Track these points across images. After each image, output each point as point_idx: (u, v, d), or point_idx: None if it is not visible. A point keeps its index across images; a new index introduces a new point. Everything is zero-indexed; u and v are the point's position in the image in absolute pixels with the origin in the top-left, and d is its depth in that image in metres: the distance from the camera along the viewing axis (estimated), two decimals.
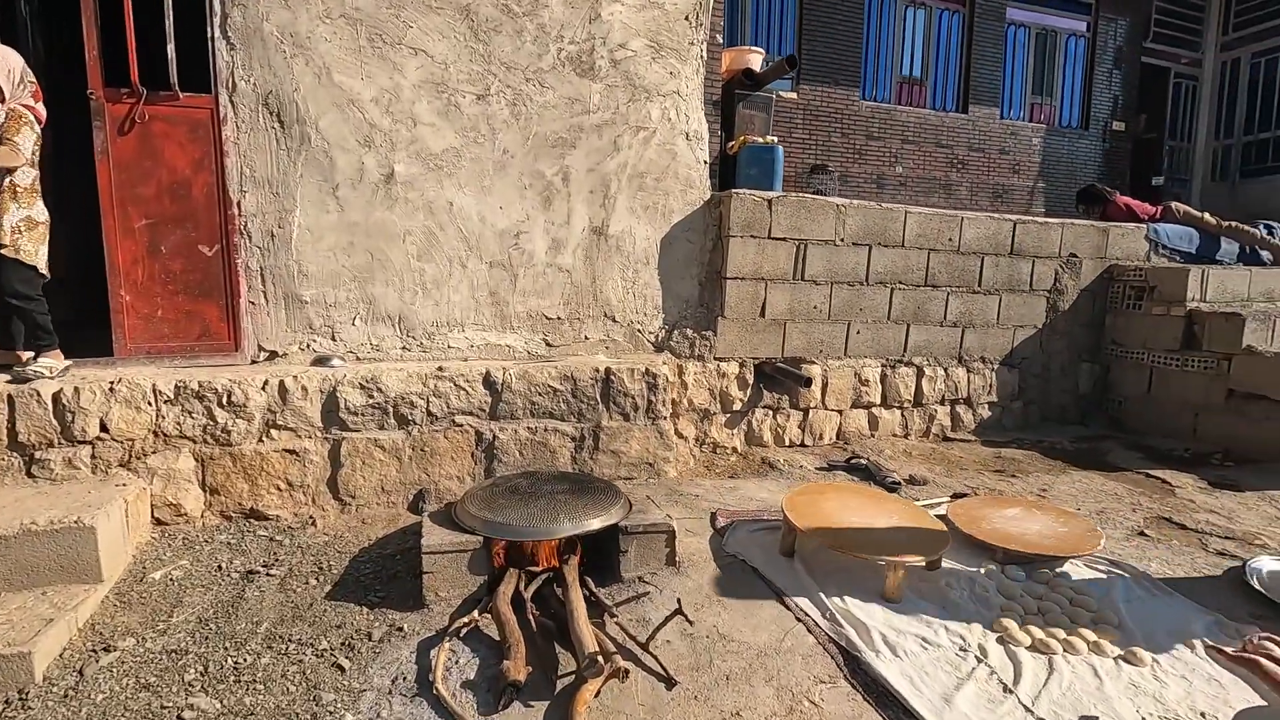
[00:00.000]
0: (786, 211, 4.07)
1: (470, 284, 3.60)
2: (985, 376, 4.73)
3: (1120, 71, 8.09)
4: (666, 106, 3.84)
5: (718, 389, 4.04)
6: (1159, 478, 3.86)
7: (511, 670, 1.94)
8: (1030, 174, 7.71)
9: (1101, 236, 5.00)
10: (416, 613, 2.34)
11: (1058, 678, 2.06)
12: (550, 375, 3.35)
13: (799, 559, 2.71)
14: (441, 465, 3.21)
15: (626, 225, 3.83)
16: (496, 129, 3.55)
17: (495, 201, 3.59)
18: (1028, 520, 3.01)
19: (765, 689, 2.00)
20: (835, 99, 6.79)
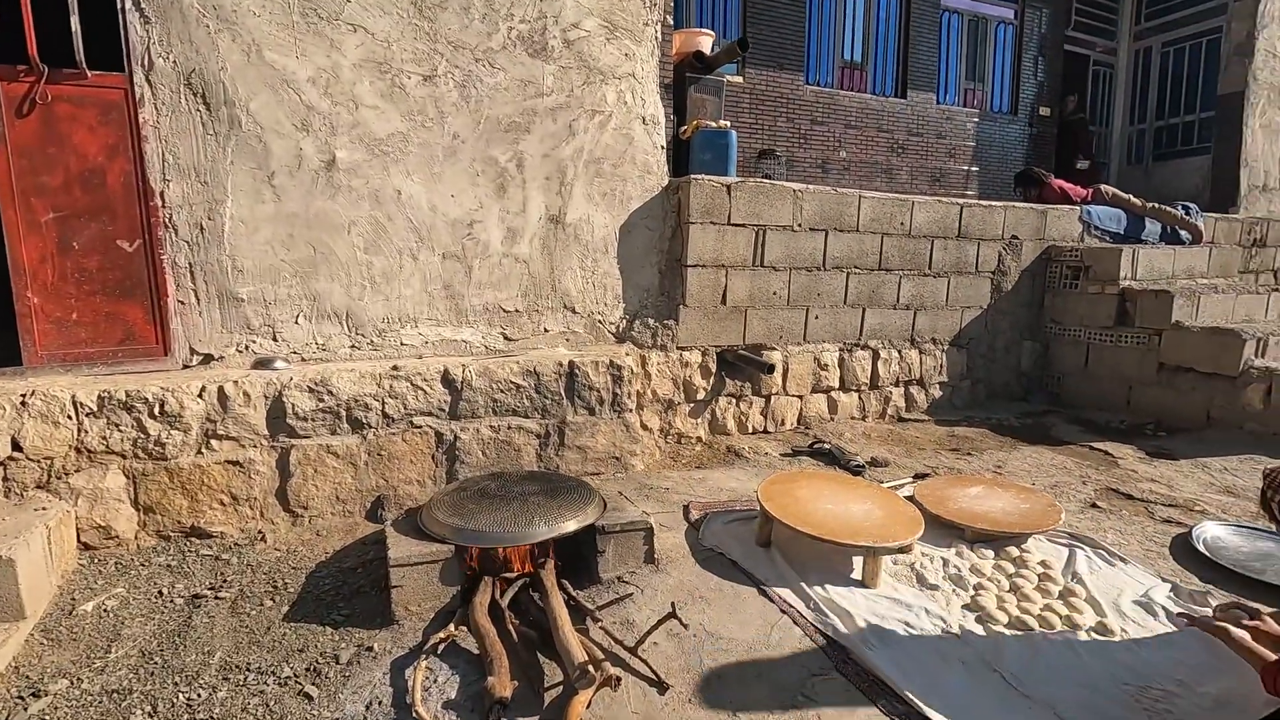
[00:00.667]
0: (745, 197, 4.03)
1: (422, 277, 3.41)
2: (936, 357, 4.84)
3: (1044, 59, 8.40)
4: (622, 89, 3.73)
5: (681, 378, 3.99)
6: (1102, 450, 4.03)
7: (497, 687, 1.84)
8: (965, 158, 7.94)
9: (1040, 219, 5.18)
10: (386, 630, 2.20)
11: (1039, 654, 2.11)
12: (512, 371, 3.22)
13: (776, 548, 2.69)
14: (400, 470, 3.04)
15: (584, 213, 3.71)
16: (445, 112, 3.37)
17: (446, 189, 3.40)
18: (991, 498, 3.08)
19: (759, 686, 1.97)
20: (781, 84, 6.79)
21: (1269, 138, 7.64)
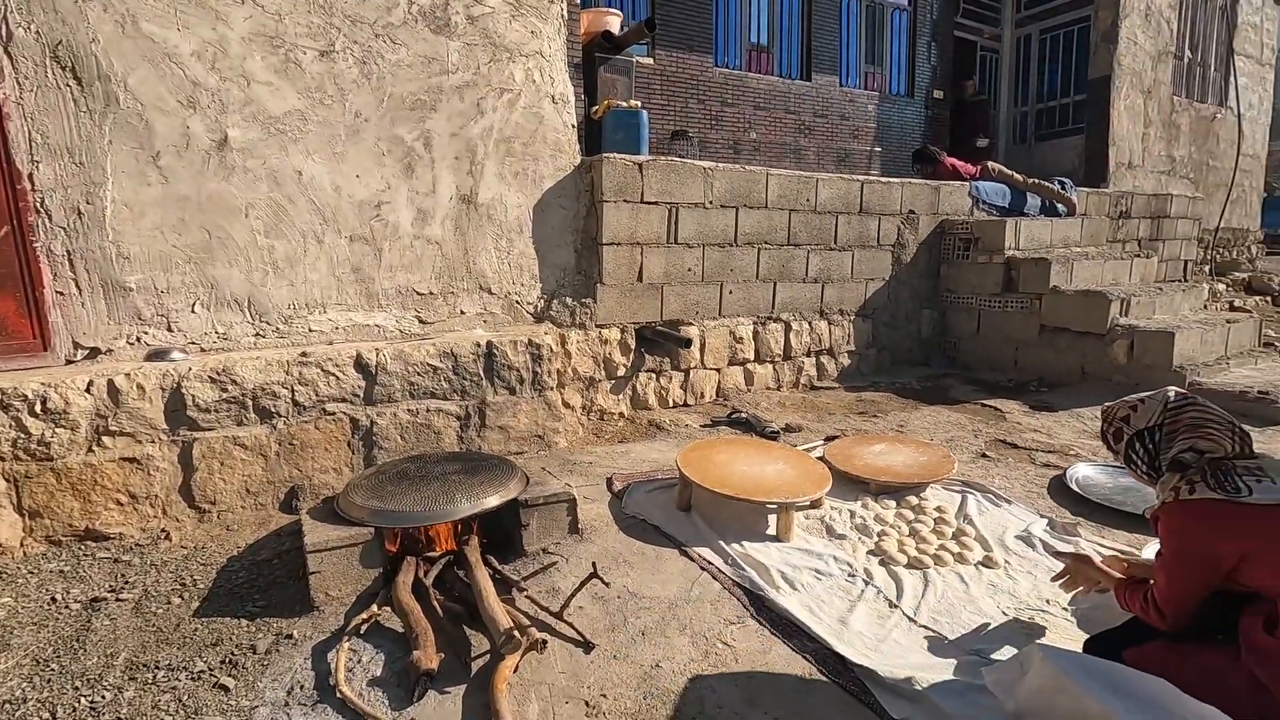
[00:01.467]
0: (657, 175, 4.10)
1: (329, 261, 3.31)
2: (844, 328, 5.09)
3: (936, 44, 8.86)
4: (530, 68, 3.71)
5: (601, 356, 4.04)
6: (992, 406, 4.37)
7: (422, 660, 1.85)
8: (868, 138, 8.30)
9: (934, 194, 5.50)
10: (306, 617, 2.16)
11: (933, 588, 2.30)
12: (428, 353, 3.18)
13: (696, 512, 2.80)
14: (315, 458, 2.96)
15: (497, 193, 3.68)
16: (346, 90, 3.26)
17: (350, 169, 3.30)
18: (893, 454, 3.30)
19: (680, 638, 2.06)
20: (690, 65, 6.88)
21: (1132, 119, 8.36)
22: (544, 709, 1.78)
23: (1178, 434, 1.63)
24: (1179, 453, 1.61)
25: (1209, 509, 1.50)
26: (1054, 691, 1.60)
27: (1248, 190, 10.50)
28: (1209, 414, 1.63)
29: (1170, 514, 1.58)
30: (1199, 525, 1.52)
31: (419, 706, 1.79)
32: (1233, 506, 1.47)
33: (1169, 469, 1.61)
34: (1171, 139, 8.99)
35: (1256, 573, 1.47)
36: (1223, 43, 9.72)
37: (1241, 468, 1.52)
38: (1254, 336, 5.20)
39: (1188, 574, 1.55)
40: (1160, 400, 1.71)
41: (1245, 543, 1.46)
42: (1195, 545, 1.53)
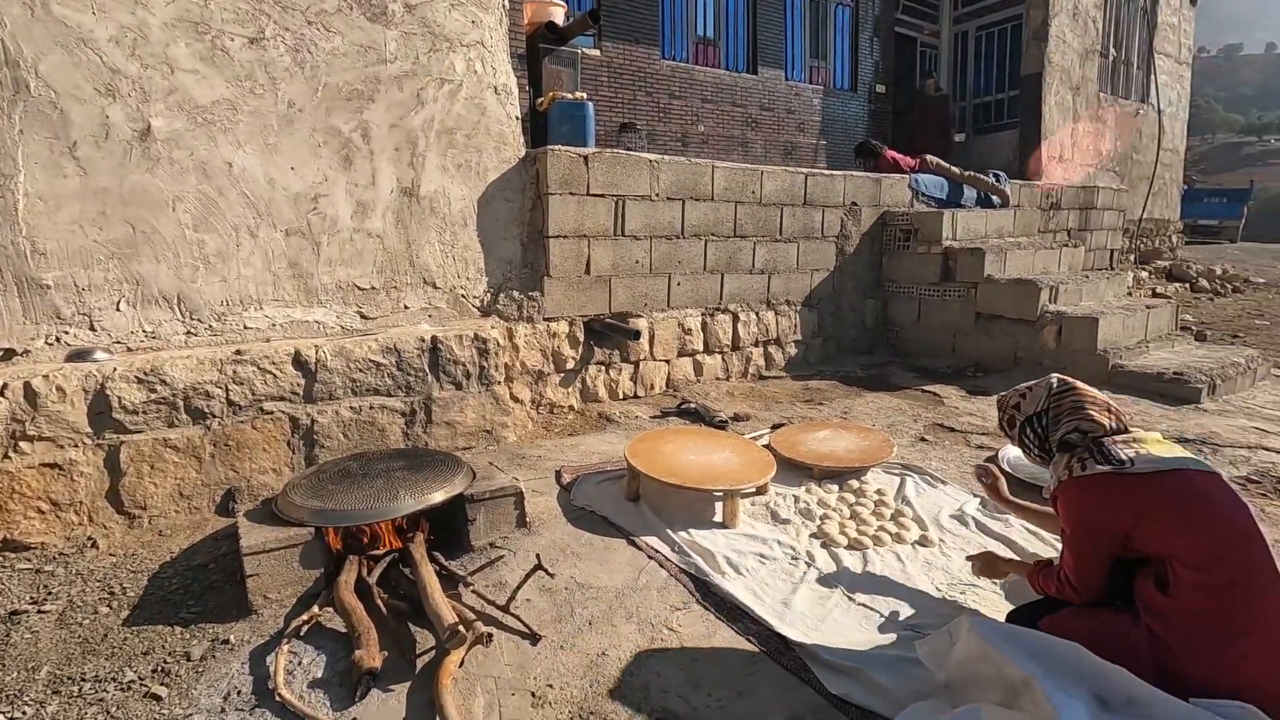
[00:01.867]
0: (603, 167, 4.10)
1: (265, 255, 3.21)
2: (791, 318, 5.19)
3: (879, 39, 9.06)
4: (471, 58, 3.65)
5: (550, 349, 4.03)
6: (931, 392, 4.53)
7: (365, 659, 1.83)
8: (814, 132, 8.44)
9: (876, 187, 5.65)
10: (244, 621, 2.11)
11: (871, 568, 2.38)
12: (370, 349, 3.12)
13: (645, 502, 2.83)
14: (253, 459, 2.88)
15: (439, 185, 3.63)
16: (278, 79, 3.15)
17: (285, 161, 3.20)
18: (836, 440, 3.39)
19: (627, 626, 2.08)
20: (637, 57, 6.88)
21: (1061, 114, 8.71)
22: (490, 702, 1.79)
23: (1062, 417, 1.77)
24: (1065, 434, 1.74)
25: (1100, 483, 1.62)
26: (979, 660, 1.69)
27: (1168, 183, 11.07)
28: (1088, 396, 1.78)
29: (1066, 492, 1.69)
30: (1094, 499, 1.63)
31: (361, 706, 1.77)
32: (1119, 478, 1.60)
33: (1059, 450, 1.74)
34: (1099, 134, 9.40)
35: (1146, 537, 1.59)
36: (1144, 42, 10.20)
37: (1121, 442, 1.66)
38: (1171, 321, 5.51)
39: (1092, 546, 1.66)
40: (1045, 387, 1.86)
41: (1135, 510, 1.58)
42: (1093, 518, 1.64)
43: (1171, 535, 1.55)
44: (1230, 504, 1.57)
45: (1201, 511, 1.54)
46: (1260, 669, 1.46)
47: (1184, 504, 1.56)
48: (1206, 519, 1.54)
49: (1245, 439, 3.59)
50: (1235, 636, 1.47)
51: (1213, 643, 1.49)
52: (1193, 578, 1.51)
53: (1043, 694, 1.53)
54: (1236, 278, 9.80)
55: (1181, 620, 1.52)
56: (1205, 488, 1.58)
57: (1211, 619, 1.49)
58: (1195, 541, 1.52)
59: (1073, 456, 1.69)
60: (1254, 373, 4.71)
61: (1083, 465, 1.65)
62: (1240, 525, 1.53)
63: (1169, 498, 1.56)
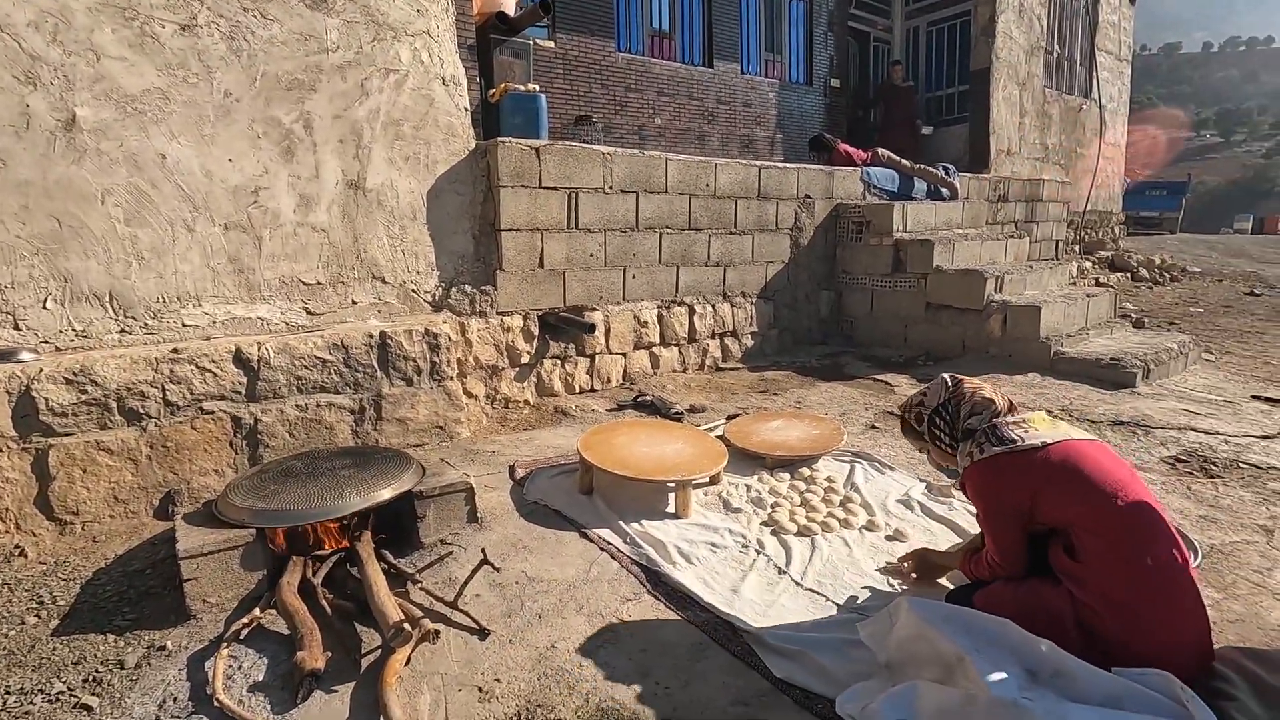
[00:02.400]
0: (555, 160, 4.07)
1: (203, 250, 3.10)
2: (746, 310, 5.24)
3: (833, 34, 9.17)
4: (417, 48, 3.58)
5: (504, 344, 3.99)
6: (884, 381, 4.62)
7: (307, 660, 1.80)
8: (770, 125, 8.51)
9: (829, 179, 5.72)
10: (182, 626, 2.05)
11: (819, 553, 2.42)
12: (316, 346, 3.05)
13: (598, 495, 2.83)
14: (193, 460, 2.79)
15: (387, 178, 3.56)
16: (213, 67, 3.05)
17: (222, 153, 3.10)
18: (789, 429, 3.44)
19: (577, 618, 2.09)
20: (592, 50, 6.84)
21: (1009, 109, 8.95)
22: (436, 699, 1.77)
23: (961, 405, 1.89)
24: (966, 419, 1.86)
25: (998, 463, 1.74)
26: (916, 639, 1.73)
27: (1110, 176, 11.47)
28: (979, 386, 1.91)
29: (971, 476, 1.81)
30: (995, 479, 1.75)
31: (304, 708, 1.74)
32: (1013, 456, 1.72)
33: (962, 438, 1.85)
34: (1044, 128, 9.69)
35: (1046, 509, 1.70)
36: (1086, 39, 10.54)
37: (1012, 424, 1.79)
38: (1111, 309, 5.72)
39: (1004, 523, 1.77)
40: (941, 384, 1.98)
41: (1031, 485, 1.70)
42: (997, 497, 1.76)
43: (1068, 505, 1.66)
44: (1115, 468, 1.68)
45: (1090, 478, 1.65)
46: (1165, 616, 1.57)
47: (1073, 474, 1.66)
48: (1096, 485, 1.64)
49: (1176, 420, 3.76)
50: (1141, 589, 1.57)
51: (1123, 596, 1.58)
52: (1094, 542, 1.61)
53: (975, 669, 1.58)
54: (1175, 267, 10.21)
55: (1094, 580, 1.61)
56: (1091, 454, 1.70)
57: (1118, 576, 1.59)
58: (1089, 507, 1.63)
59: (973, 442, 1.81)
60: (1186, 357, 4.92)
61: (981, 449, 1.77)
62: (1128, 486, 1.64)
63: (1059, 470, 1.67)
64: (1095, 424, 3.72)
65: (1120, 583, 1.58)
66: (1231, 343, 5.95)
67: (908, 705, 1.60)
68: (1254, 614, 2.07)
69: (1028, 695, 1.52)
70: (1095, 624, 1.61)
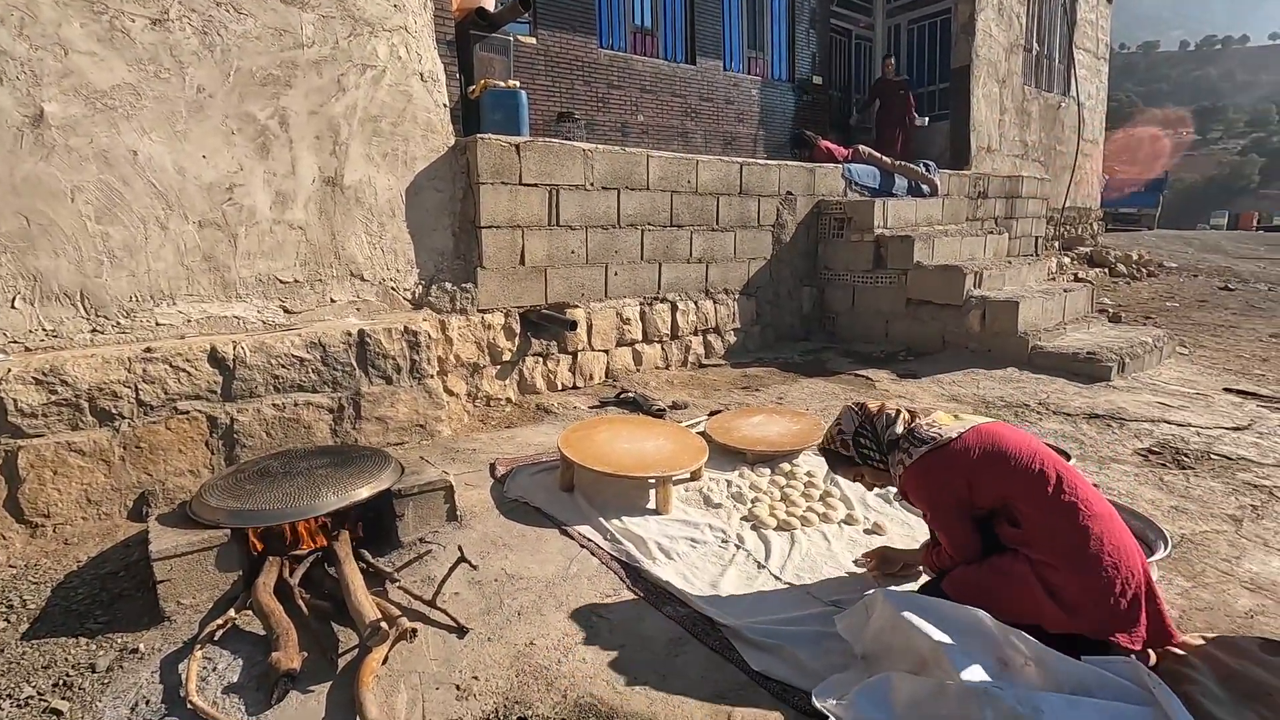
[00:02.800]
0: (535, 157, 4.05)
1: (176, 248, 3.06)
2: (729, 306, 5.25)
3: (815, 31, 9.20)
4: (395, 43, 3.55)
5: (485, 341, 3.97)
6: (865, 376, 4.65)
7: (283, 661, 1.78)
8: (753, 122, 8.53)
9: (810, 176, 5.75)
10: (156, 629, 2.03)
11: (798, 547, 2.44)
12: (293, 344, 3.02)
13: (579, 492, 2.83)
14: (168, 461, 2.76)
15: (364, 174, 3.53)
16: (185, 63, 3.01)
17: (195, 149, 3.06)
18: (770, 425, 3.46)
19: (556, 615, 2.09)
20: (574, 46, 6.81)
21: (989, 106, 9.03)
22: (413, 697, 1.76)
23: (875, 421, 1.99)
24: (885, 432, 1.95)
25: (928, 461, 1.85)
26: (892, 631, 1.75)
27: (1089, 172, 11.62)
28: (883, 404, 2.03)
29: (908, 482, 1.90)
30: (929, 477, 1.85)
31: (279, 709, 1.73)
32: (938, 452, 1.83)
33: (889, 450, 1.94)
34: (1024, 125, 9.79)
35: (981, 493, 1.81)
36: (1065, 37, 10.65)
37: (925, 425, 1.92)
38: (1088, 304, 5.80)
39: (949, 515, 1.85)
40: (849, 411, 2.07)
41: (962, 474, 1.80)
42: (937, 492, 1.84)
43: (997, 482, 1.78)
44: (1023, 439, 1.84)
45: (1010, 453, 1.79)
46: (1108, 533, 1.72)
47: (996, 454, 1.79)
48: (1016, 457, 1.78)
49: (1150, 413, 3.82)
50: (1078, 527, 1.71)
51: (1068, 540, 1.71)
52: (1029, 507, 1.75)
53: (948, 659, 1.60)
54: (1151, 262, 10.36)
55: (1040, 537, 1.74)
56: (1001, 432, 1.85)
57: (1059, 526, 1.72)
58: (1018, 479, 1.76)
59: (899, 451, 1.91)
60: (1160, 351, 5.00)
61: (909, 454, 1.87)
62: (1037, 451, 1.81)
63: (982, 453, 1.80)
64: (1070, 417, 3.77)
65: (1062, 531, 1.71)
66: (1205, 336, 6.06)
67: (882, 696, 1.61)
68: (1222, 602, 2.12)
69: (999, 684, 1.55)
70: (1053, 577, 1.70)
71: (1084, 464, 3.14)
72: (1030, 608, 1.72)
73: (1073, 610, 1.69)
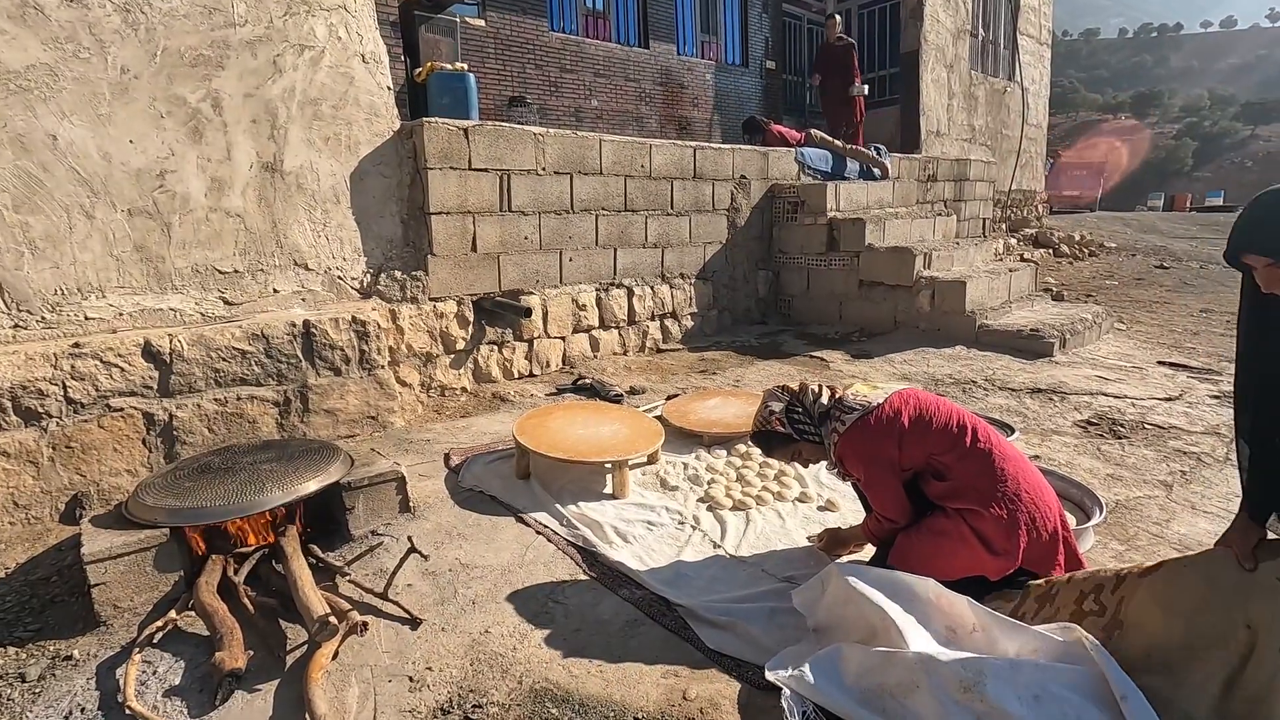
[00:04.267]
0: (485, 141, 3.97)
1: (104, 238, 2.92)
2: (686, 291, 5.26)
3: (768, 16, 9.23)
4: (334, 23, 3.43)
5: (438, 330, 3.90)
6: (819, 357, 4.72)
7: (227, 660, 1.73)
8: (707, 107, 8.53)
9: (764, 160, 5.78)
10: (91, 634, 1.95)
11: (753, 526, 2.47)
12: (234, 337, 2.92)
13: (535, 479, 2.81)
14: (102, 461, 2.64)
15: (306, 159, 3.41)
16: (107, 42, 2.85)
17: (121, 134, 2.91)
18: (725, 407, 3.48)
19: (511, 603, 2.07)
20: (525, 29, 6.69)
21: (938, 91, 9.19)
22: (365, 691, 1.73)
23: (803, 397, 2.07)
24: (814, 405, 2.03)
25: (859, 429, 1.93)
26: (844, 604, 1.79)
27: (1034, 156, 11.94)
28: (804, 383, 2.12)
29: (842, 450, 1.98)
30: (862, 443, 1.93)
31: (224, 710, 1.68)
32: (866, 418, 1.93)
33: (820, 423, 2.02)
34: (972, 109, 10.00)
35: (909, 451, 1.92)
36: (1009, 23, 10.89)
37: (850, 395, 2.01)
38: (1032, 283, 5.98)
39: (881, 478, 1.94)
40: (774, 393, 2.15)
41: (890, 438, 1.90)
42: (870, 456, 1.93)
43: (923, 440, 1.89)
44: (935, 400, 1.97)
45: (928, 414, 1.92)
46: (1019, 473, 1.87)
47: (915, 417, 1.91)
48: (933, 418, 1.91)
49: (1089, 387, 3.96)
50: (993, 471, 1.85)
51: (988, 483, 1.84)
52: (952, 460, 1.88)
53: (897, 629, 1.64)
54: (1093, 243, 10.73)
55: (963, 486, 1.86)
56: (917, 396, 1.98)
57: (977, 470, 1.86)
58: (939, 437, 1.89)
59: (832, 421, 1.99)
60: (1100, 327, 5.19)
61: (842, 422, 1.96)
62: (948, 408, 1.95)
63: (905, 416, 1.91)
64: (1015, 392, 3.89)
65: (984, 475, 1.85)
66: (1141, 313, 6.31)
67: (833, 666, 1.65)
68: None
69: (945, 650, 1.59)
70: (982, 525, 1.82)
71: (1027, 437, 3.25)
72: (971, 562, 1.84)
73: (1004, 553, 1.82)
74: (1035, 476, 1.92)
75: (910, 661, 1.55)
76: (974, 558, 1.83)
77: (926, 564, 1.81)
